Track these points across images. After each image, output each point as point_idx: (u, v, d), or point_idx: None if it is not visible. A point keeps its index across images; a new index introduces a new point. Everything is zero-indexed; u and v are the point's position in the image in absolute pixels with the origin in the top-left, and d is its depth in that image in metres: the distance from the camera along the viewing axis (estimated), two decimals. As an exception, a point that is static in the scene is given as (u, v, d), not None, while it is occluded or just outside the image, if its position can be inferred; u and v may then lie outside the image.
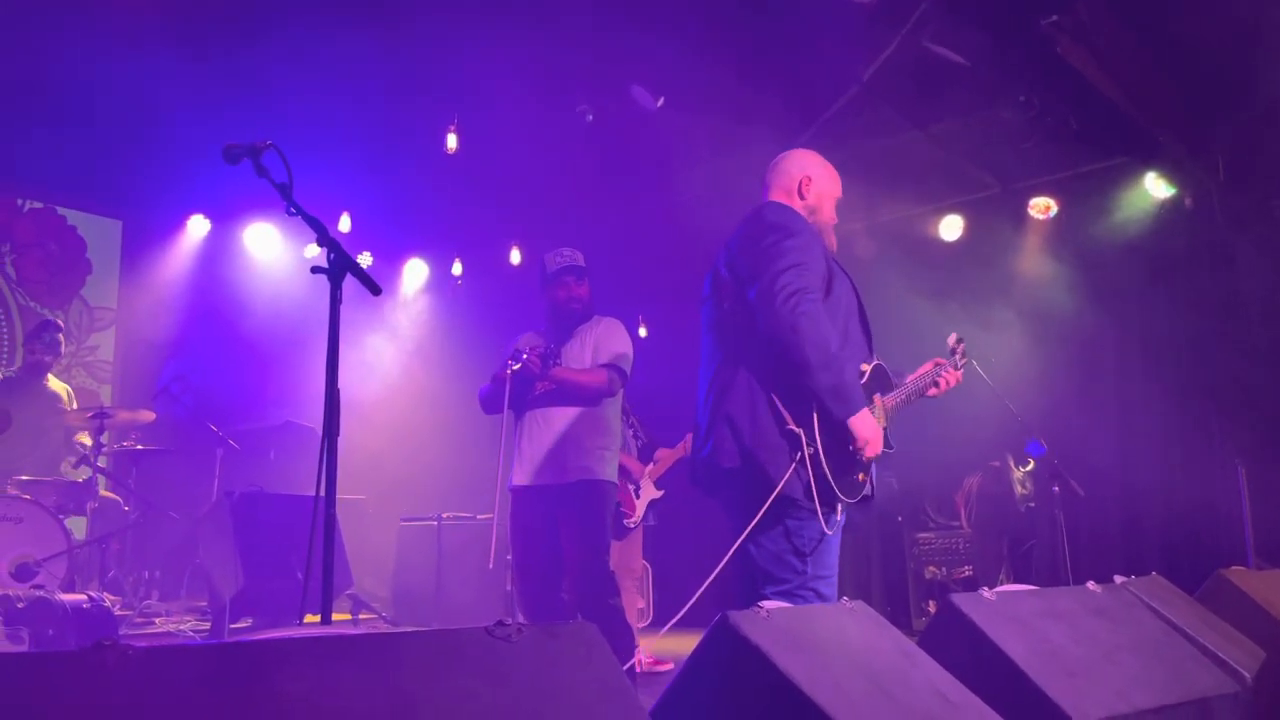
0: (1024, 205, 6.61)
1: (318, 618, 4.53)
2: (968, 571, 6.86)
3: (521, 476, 3.84)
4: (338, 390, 2.33)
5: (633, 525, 5.09)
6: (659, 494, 5.28)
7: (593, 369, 3.85)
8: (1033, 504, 6.70)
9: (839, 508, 2.63)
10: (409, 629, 1.73)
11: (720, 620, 1.65)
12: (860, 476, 2.67)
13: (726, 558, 2.49)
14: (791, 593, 2.60)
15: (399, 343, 7.99)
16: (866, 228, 6.93)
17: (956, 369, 3.09)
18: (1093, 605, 2.70)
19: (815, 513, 2.56)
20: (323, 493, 2.25)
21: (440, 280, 8.21)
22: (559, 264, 3.92)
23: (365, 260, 7.56)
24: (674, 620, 2.50)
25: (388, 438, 7.19)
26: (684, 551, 6.59)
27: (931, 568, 6.91)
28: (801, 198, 2.89)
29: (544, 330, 4.03)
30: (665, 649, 5.17)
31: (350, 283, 2.54)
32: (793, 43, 5.28)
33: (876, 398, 2.78)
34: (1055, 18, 4.19)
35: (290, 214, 2.50)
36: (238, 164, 2.57)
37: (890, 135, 6.12)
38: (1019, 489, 6.86)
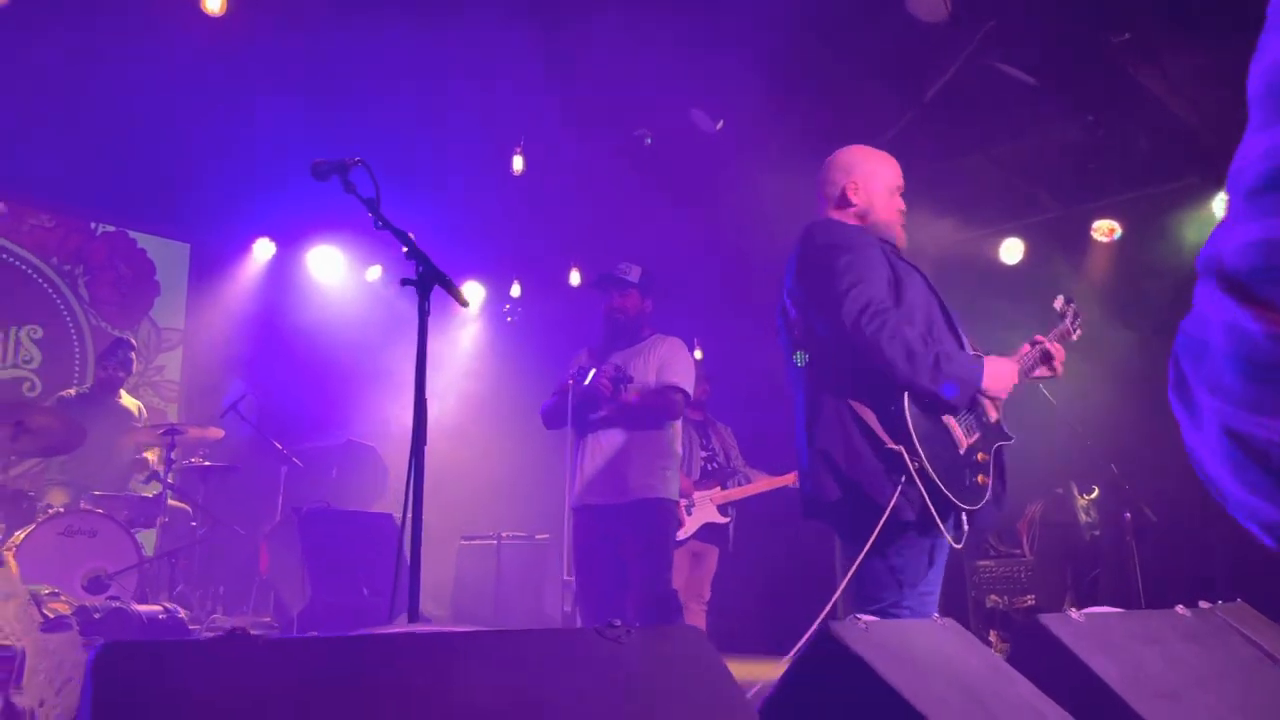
0: (1087, 227, 6.52)
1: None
2: (1030, 600, 6.71)
3: (583, 496, 3.86)
4: (425, 401, 2.36)
5: (678, 540, 5.07)
6: (725, 520, 5.24)
7: (658, 392, 3.85)
8: (1097, 532, 6.56)
9: (962, 516, 2.51)
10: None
11: (821, 630, 1.64)
12: (980, 479, 2.54)
13: (839, 591, 2.44)
14: (885, 611, 2.51)
15: (457, 362, 8.08)
16: (924, 249, 6.89)
17: (1073, 334, 2.94)
18: (1183, 629, 2.63)
19: (924, 532, 2.47)
20: (408, 505, 2.27)
21: (499, 302, 8.29)
22: (607, 273, 3.97)
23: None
24: (798, 647, 2.38)
25: (446, 456, 7.25)
26: (740, 576, 6.55)
27: (993, 596, 6.77)
28: (849, 205, 2.77)
29: (598, 346, 4.05)
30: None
31: (414, 301, 2.55)
32: (854, 63, 5.30)
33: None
34: (1128, 36, 4.15)
35: (378, 228, 2.54)
36: (326, 180, 2.61)
37: (951, 156, 6.09)
38: (1083, 516, 6.72)
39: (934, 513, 2.42)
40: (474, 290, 8.29)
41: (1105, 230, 6.50)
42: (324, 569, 4.43)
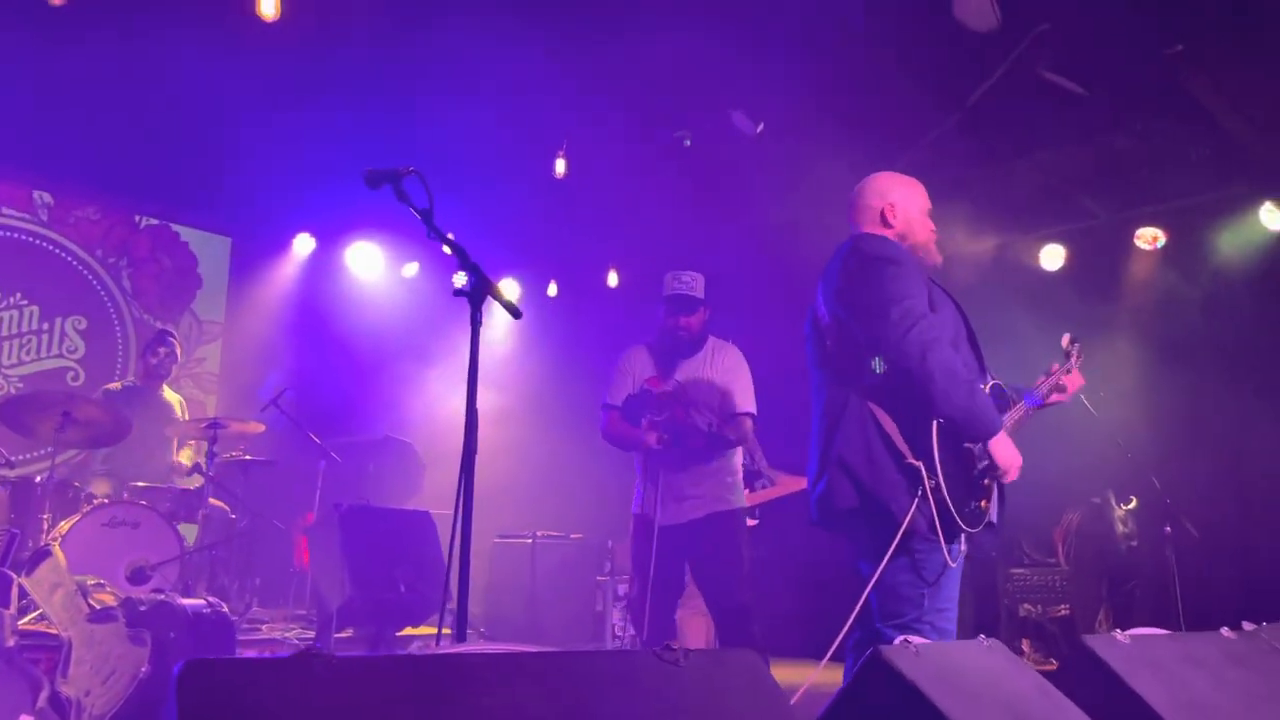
0: (1130, 235, 6.44)
1: (417, 630, 4.61)
2: (1064, 610, 6.65)
3: (653, 513, 3.78)
4: (476, 411, 2.38)
5: None
6: (753, 523, 5.25)
7: (730, 422, 3.85)
8: (1134, 543, 6.48)
9: (962, 538, 2.59)
10: (556, 649, 1.76)
11: (872, 655, 1.64)
12: (982, 504, 2.64)
13: (862, 599, 2.49)
14: (907, 626, 2.56)
15: (491, 360, 8.11)
16: (964, 255, 6.83)
17: (1068, 372, 3.01)
18: (1230, 652, 2.61)
19: (938, 545, 2.53)
20: (459, 511, 2.30)
21: (536, 300, 8.30)
22: (674, 290, 3.90)
23: (459, 280, 7.67)
24: (829, 655, 2.45)
25: (479, 454, 7.27)
26: (775, 578, 6.55)
27: (1026, 605, 6.72)
28: (889, 225, 2.85)
29: (655, 345, 4.02)
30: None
31: (449, 298, 2.58)
32: (897, 67, 5.27)
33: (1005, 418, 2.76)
34: (1181, 47, 4.11)
35: (430, 238, 2.56)
36: (378, 188, 2.63)
37: (993, 162, 6.05)
38: (1120, 527, 6.64)
39: (940, 531, 2.50)
40: (509, 288, 8.30)
41: (1149, 238, 6.42)
42: (363, 565, 4.48)
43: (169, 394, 6.06)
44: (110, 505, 4.91)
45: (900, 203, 2.87)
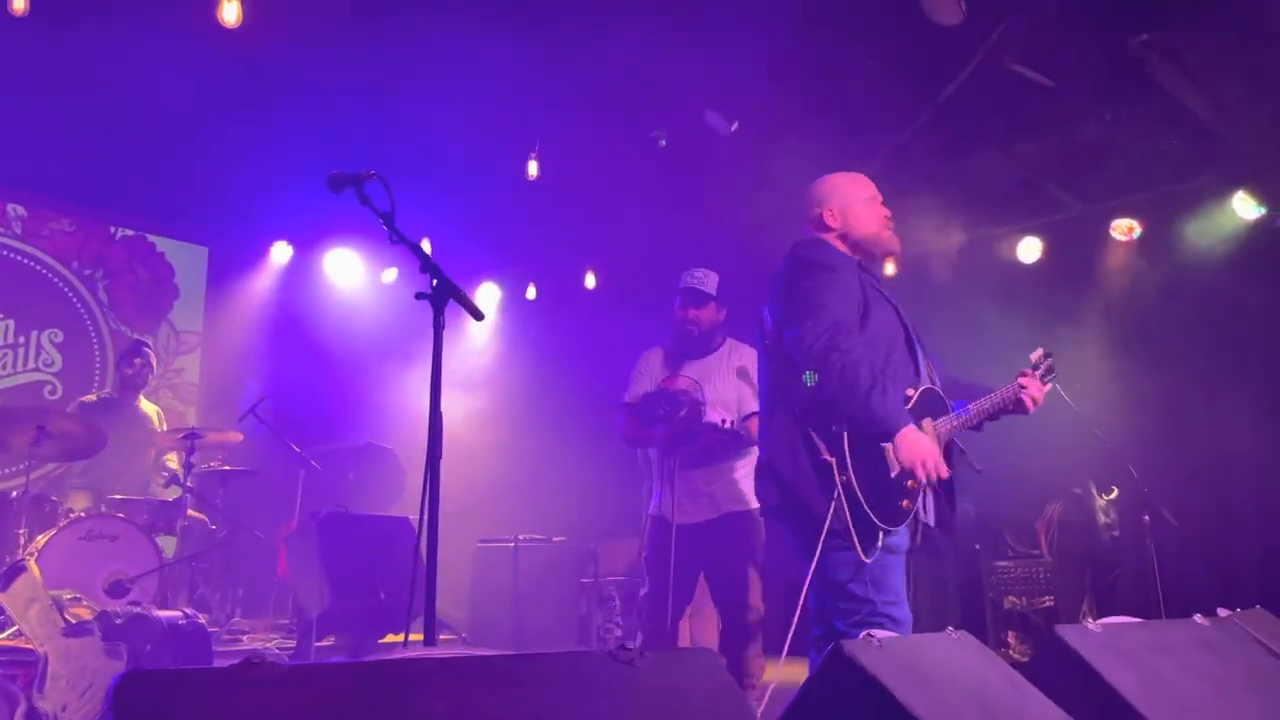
0: (1105, 226, 6.47)
1: (400, 637, 4.60)
2: (1049, 602, 6.66)
3: (673, 513, 3.74)
4: (440, 414, 2.37)
5: None
6: None
7: (749, 424, 3.82)
8: (1116, 533, 6.50)
9: (880, 536, 2.55)
10: (509, 651, 1.75)
11: (835, 650, 1.63)
12: (904, 503, 2.59)
13: (802, 600, 2.53)
14: (865, 621, 2.57)
15: (473, 364, 8.08)
16: (941, 250, 6.85)
17: (1042, 385, 2.99)
18: (1202, 639, 2.61)
19: (850, 543, 2.52)
20: (424, 516, 2.29)
21: (515, 304, 8.28)
22: (683, 284, 3.95)
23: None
24: (785, 651, 2.48)
25: (463, 457, 7.25)
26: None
27: (1011, 598, 6.73)
28: (828, 228, 2.87)
29: (671, 348, 4.03)
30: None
31: (422, 304, 2.56)
32: (871, 62, 5.27)
33: (927, 422, 2.70)
34: (1146, 36, 4.13)
35: (392, 242, 2.55)
36: (341, 193, 2.62)
37: (967, 155, 6.06)
38: (1101, 518, 6.66)
39: (851, 526, 2.50)
40: (490, 292, 8.27)
41: (1124, 229, 6.44)
42: (342, 573, 4.45)
43: (145, 405, 6.02)
44: (87, 518, 4.88)
45: (836, 202, 2.88)
